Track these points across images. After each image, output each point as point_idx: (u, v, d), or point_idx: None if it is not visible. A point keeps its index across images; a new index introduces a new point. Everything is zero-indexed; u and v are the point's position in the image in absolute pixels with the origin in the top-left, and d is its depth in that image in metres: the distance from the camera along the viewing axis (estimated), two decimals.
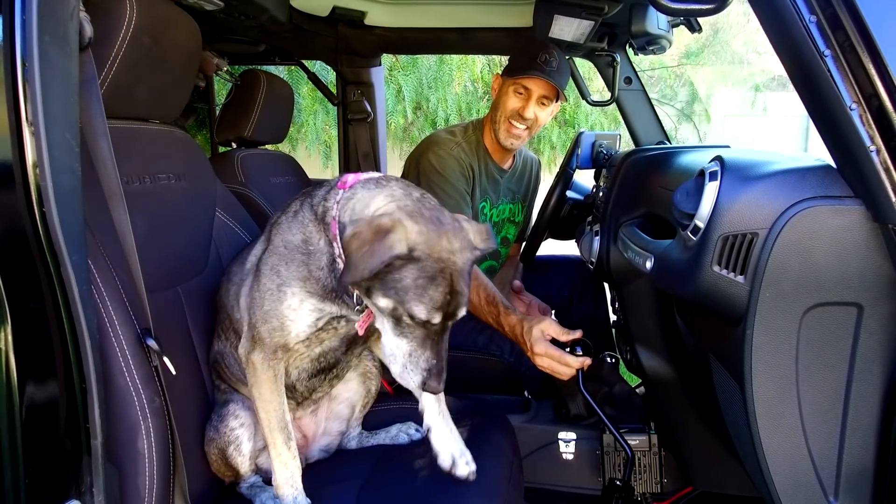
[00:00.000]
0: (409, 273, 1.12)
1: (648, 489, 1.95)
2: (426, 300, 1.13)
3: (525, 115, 2.26)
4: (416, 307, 1.13)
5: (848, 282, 1.07)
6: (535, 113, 2.28)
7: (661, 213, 1.57)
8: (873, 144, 1.00)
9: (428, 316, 1.14)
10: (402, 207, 1.18)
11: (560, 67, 2.24)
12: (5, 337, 0.95)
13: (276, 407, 1.34)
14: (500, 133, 2.32)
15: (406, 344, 1.18)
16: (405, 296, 1.13)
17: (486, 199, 2.40)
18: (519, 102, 2.27)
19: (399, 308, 1.15)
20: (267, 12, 2.17)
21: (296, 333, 1.30)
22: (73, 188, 1.01)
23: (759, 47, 11.91)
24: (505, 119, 2.30)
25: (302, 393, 1.49)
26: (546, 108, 2.32)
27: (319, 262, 1.28)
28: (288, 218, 1.35)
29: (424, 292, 1.12)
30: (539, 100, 2.27)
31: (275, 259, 1.31)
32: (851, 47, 0.99)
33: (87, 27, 1.08)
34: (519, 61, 2.27)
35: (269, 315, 1.30)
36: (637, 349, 1.93)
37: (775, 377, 1.14)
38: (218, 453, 1.44)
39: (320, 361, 1.44)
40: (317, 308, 1.29)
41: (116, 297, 1.22)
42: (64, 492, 1.03)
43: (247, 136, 2.53)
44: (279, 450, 1.34)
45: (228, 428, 1.43)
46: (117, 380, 1.18)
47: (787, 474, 1.19)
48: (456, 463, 1.38)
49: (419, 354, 1.17)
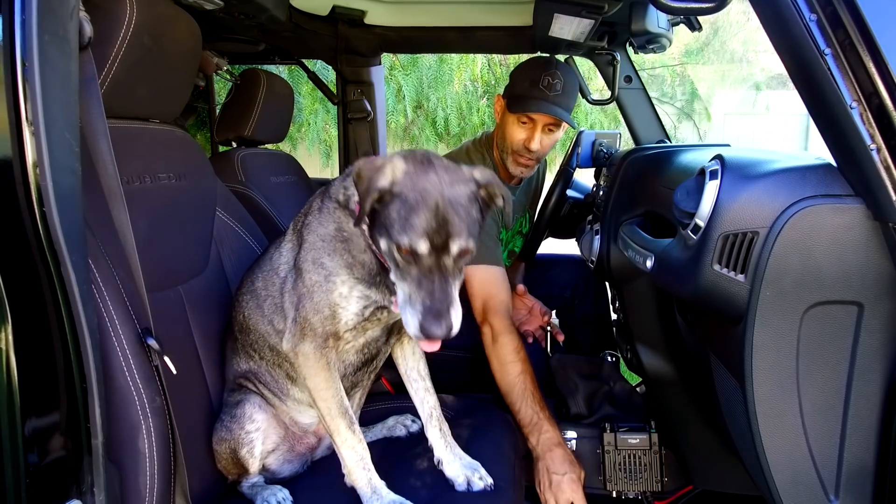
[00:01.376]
0: (394, 207, 1.16)
1: (649, 488, 1.95)
2: (408, 228, 1.14)
3: (531, 148, 2.17)
4: (400, 236, 1.15)
5: (848, 280, 1.07)
6: (541, 143, 2.19)
7: (662, 211, 1.57)
8: (874, 143, 1.00)
9: (412, 243, 1.14)
10: (400, 152, 1.25)
11: (566, 88, 2.15)
12: (6, 336, 0.94)
13: (333, 394, 1.36)
14: (509, 164, 2.25)
15: (406, 286, 1.18)
16: (391, 229, 1.16)
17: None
18: (524, 133, 2.17)
19: (391, 245, 1.17)
20: (267, 11, 2.16)
21: (346, 321, 1.33)
22: (73, 188, 1.01)
23: (759, 46, 11.91)
24: (512, 151, 2.22)
25: (346, 389, 1.50)
26: (553, 134, 2.22)
27: (360, 245, 1.31)
28: (315, 214, 1.38)
29: (406, 221, 1.14)
30: (545, 128, 2.17)
31: (315, 254, 1.34)
32: (852, 46, 0.99)
33: (86, 26, 1.08)
34: (521, 86, 2.17)
35: (321, 305, 1.32)
36: (637, 348, 1.93)
37: (776, 376, 1.14)
38: (229, 453, 1.45)
39: (364, 353, 1.46)
40: (364, 295, 1.32)
41: (117, 296, 1.22)
42: (65, 491, 1.03)
43: (247, 135, 2.52)
44: (344, 435, 1.35)
45: (244, 431, 1.45)
46: (118, 379, 1.18)
47: (788, 473, 1.19)
48: (471, 483, 1.40)
49: (416, 295, 1.15)
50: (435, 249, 1.14)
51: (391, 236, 1.16)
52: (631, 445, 1.95)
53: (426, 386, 1.53)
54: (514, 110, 2.15)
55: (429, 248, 1.14)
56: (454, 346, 2.30)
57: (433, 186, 1.16)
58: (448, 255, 1.15)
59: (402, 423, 1.70)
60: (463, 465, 1.42)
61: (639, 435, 1.95)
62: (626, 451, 1.95)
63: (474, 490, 1.39)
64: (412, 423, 1.70)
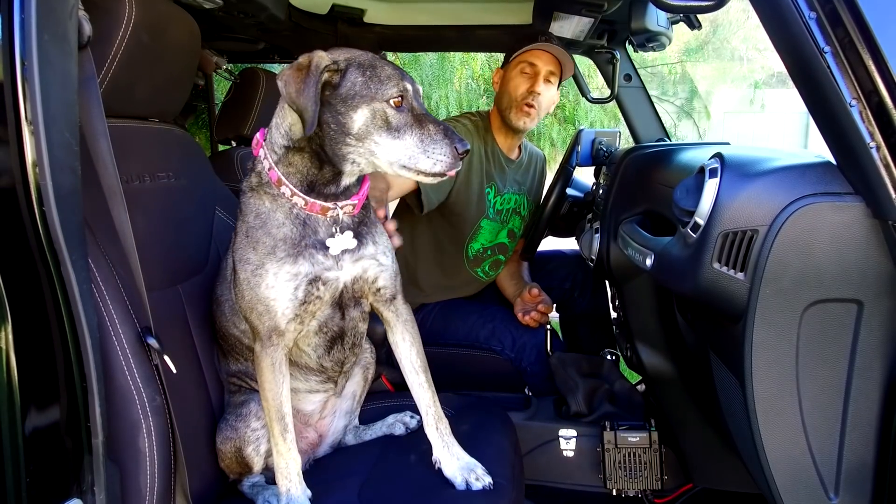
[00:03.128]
0: (353, 75, 1.19)
1: (649, 486, 1.95)
2: (385, 79, 1.18)
3: (536, 91, 2.23)
4: (383, 89, 1.18)
5: (848, 278, 1.07)
6: (543, 90, 2.26)
7: (661, 210, 1.57)
8: (873, 141, 1.00)
9: (400, 89, 1.19)
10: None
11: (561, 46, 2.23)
12: (6, 336, 0.94)
13: (274, 395, 1.34)
14: (511, 115, 2.28)
15: (410, 136, 1.20)
16: (368, 90, 1.19)
17: (491, 184, 2.38)
18: (527, 82, 2.24)
19: (375, 105, 1.19)
20: (266, 10, 2.16)
21: (282, 312, 1.29)
22: (72, 187, 1.01)
23: (758, 44, 11.91)
24: (515, 103, 2.26)
25: (333, 368, 1.49)
26: (552, 86, 2.29)
27: (276, 220, 1.29)
28: (241, 214, 1.35)
29: (379, 75, 1.19)
30: (546, 76, 2.25)
31: (240, 252, 1.31)
32: (851, 44, 0.99)
33: (86, 26, 1.08)
34: (520, 48, 2.25)
35: (253, 302, 1.30)
36: (637, 346, 1.93)
37: (775, 374, 1.15)
38: (234, 452, 1.45)
39: (325, 332, 1.42)
40: (292, 274, 1.28)
41: (117, 295, 1.22)
42: (65, 490, 1.03)
43: (246, 134, 2.53)
44: (276, 439, 1.35)
45: (250, 428, 1.44)
46: (118, 378, 1.18)
47: (788, 471, 1.19)
48: (470, 483, 1.39)
49: (428, 132, 1.19)
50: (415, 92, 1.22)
51: (373, 97, 1.18)
52: (631, 444, 1.95)
53: (420, 381, 1.49)
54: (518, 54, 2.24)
55: (412, 89, 1.20)
56: (452, 342, 2.31)
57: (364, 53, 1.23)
58: (419, 96, 1.23)
59: (401, 420, 1.70)
60: (461, 465, 1.42)
61: (639, 433, 1.95)
62: (626, 450, 1.95)
63: (474, 490, 1.39)
64: (411, 418, 1.70)
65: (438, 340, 2.33)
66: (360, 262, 1.36)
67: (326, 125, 1.22)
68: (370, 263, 1.37)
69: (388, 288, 1.43)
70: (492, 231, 2.44)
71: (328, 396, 1.59)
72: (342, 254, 1.32)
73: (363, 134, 1.21)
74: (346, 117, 1.20)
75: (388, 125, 1.19)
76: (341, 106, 1.20)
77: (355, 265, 1.35)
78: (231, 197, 1.87)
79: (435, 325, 2.37)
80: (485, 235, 2.43)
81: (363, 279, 1.38)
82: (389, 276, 1.42)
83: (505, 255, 2.55)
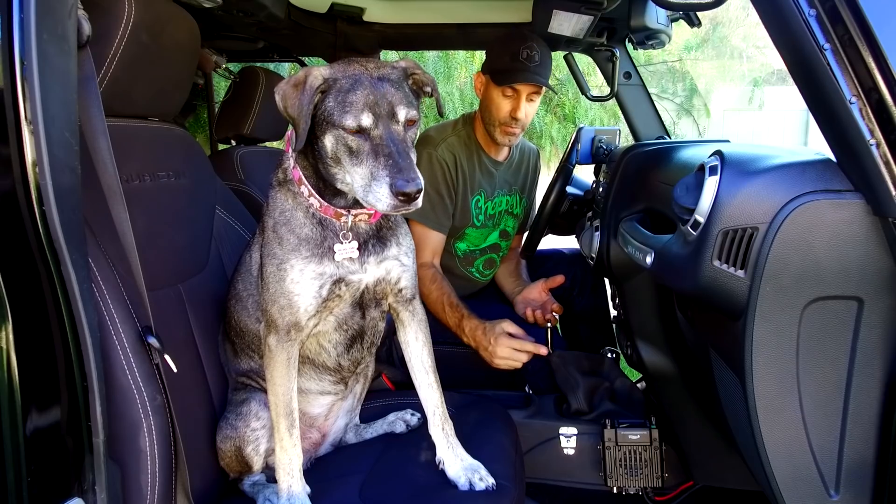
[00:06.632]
0: (331, 97, 1.20)
1: (649, 483, 1.95)
2: (348, 106, 1.17)
3: (517, 117, 2.25)
4: (343, 118, 1.18)
5: (848, 276, 1.07)
6: (525, 112, 2.27)
7: (661, 208, 1.57)
8: (873, 138, 1.00)
9: (356, 120, 1.17)
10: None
11: (542, 58, 2.21)
12: (6, 335, 0.95)
13: (284, 391, 1.35)
14: (497, 135, 2.31)
15: (363, 167, 1.18)
16: (333, 116, 1.19)
17: (480, 192, 2.38)
18: (509, 105, 2.24)
19: (337, 132, 1.19)
20: (265, 9, 2.16)
21: (304, 308, 1.32)
22: (72, 187, 1.01)
23: (758, 42, 11.89)
24: (499, 123, 2.27)
25: (349, 368, 1.51)
26: (535, 102, 2.31)
27: (298, 219, 1.32)
28: (267, 208, 1.39)
29: (345, 102, 1.18)
30: (528, 97, 2.26)
31: (268, 246, 1.35)
32: (851, 41, 0.99)
33: (85, 25, 1.07)
34: (501, 61, 2.22)
35: (276, 295, 1.32)
36: (637, 344, 1.93)
37: (776, 371, 1.15)
38: (234, 451, 1.45)
39: (345, 330, 1.44)
40: (317, 274, 1.31)
41: (117, 295, 1.22)
42: (66, 490, 1.03)
43: (246, 133, 2.52)
44: (281, 434, 1.36)
45: (250, 428, 1.45)
46: (119, 378, 1.18)
47: (788, 468, 1.19)
48: (473, 484, 1.39)
49: (377, 165, 1.16)
50: (381, 120, 1.18)
51: (335, 123, 1.19)
52: (631, 441, 1.95)
53: (429, 381, 1.51)
54: (501, 83, 2.22)
55: (373, 119, 1.17)
56: (454, 341, 2.32)
57: (362, 71, 1.21)
58: (396, 122, 1.20)
59: (401, 418, 1.70)
60: (464, 466, 1.42)
61: (639, 431, 1.95)
62: (626, 447, 1.95)
63: (477, 491, 1.39)
64: (412, 416, 1.70)
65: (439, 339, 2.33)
66: (384, 264, 1.38)
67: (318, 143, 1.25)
68: (393, 264, 1.40)
69: (409, 288, 1.45)
70: (479, 235, 2.45)
71: (336, 400, 1.59)
72: (366, 256, 1.34)
73: (336, 158, 1.23)
74: (320, 141, 1.24)
75: (351, 152, 1.20)
76: (318, 129, 1.23)
77: (379, 266, 1.37)
78: (231, 196, 1.87)
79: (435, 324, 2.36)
80: (470, 239, 2.44)
81: (386, 280, 1.40)
82: (411, 276, 1.44)
83: (498, 255, 2.55)
